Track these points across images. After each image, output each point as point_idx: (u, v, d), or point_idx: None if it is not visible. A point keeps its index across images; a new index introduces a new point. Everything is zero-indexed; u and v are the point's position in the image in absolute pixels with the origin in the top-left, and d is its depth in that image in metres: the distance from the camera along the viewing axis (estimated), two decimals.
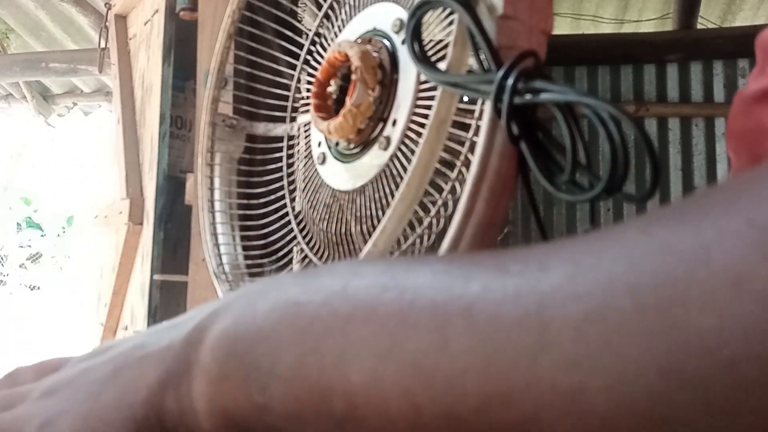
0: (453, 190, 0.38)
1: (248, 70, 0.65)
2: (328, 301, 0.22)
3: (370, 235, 0.40)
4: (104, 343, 0.29)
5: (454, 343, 0.18)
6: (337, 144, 0.51)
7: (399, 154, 0.45)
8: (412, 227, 0.40)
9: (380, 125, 0.46)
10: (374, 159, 0.47)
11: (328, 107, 0.51)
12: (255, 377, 0.22)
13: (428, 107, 0.40)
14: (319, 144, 0.54)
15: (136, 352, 0.26)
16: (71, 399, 0.25)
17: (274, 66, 0.62)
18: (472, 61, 0.35)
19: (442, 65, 0.36)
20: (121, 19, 1.75)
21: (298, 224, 0.57)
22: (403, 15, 0.46)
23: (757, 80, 0.36)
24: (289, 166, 0.60)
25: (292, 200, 0.59)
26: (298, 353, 0.21)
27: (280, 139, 0.61)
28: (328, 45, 0.55)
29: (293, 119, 0.60)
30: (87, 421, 0.24)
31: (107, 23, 1.79)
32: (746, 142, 0.35)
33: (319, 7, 0.56)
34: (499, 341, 0.17)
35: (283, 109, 0.61)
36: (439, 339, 0.18)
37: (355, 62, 0.46)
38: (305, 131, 0.58)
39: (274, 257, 0.60)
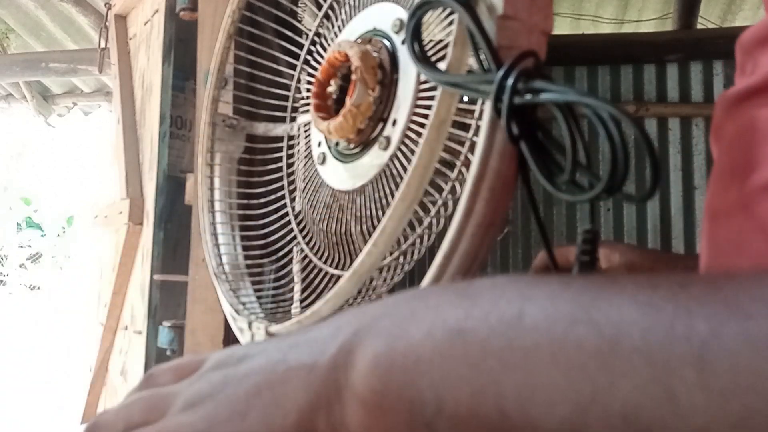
0: (453, 190, 0.38)
1: (248, 70, 0.65)
2: (501, 331, 0.19)
3: (370, 235, 0.40)
4: (238, 348, 0.29)
5: (685, 399, 0.15)
6: (337, 144, 0.51)
7: (399, 154, 0.45)
8: (412, 227, 0.40)
9: (380, 125, 0.46)
10: (374, 159, 0.47)
11: (328, 107, 0.51)
12: (419, 412, 0.20)
13: (428, 107, 0.40)
14: (319, 144, 0.54)
15: (277, 367, 0.25)
16: (215, 416, 0.25)
17: (274, 66, 0.62)
18: (472, 61, 0.35)
19: (442, 65, 0.36)
20: (121, 19, 1.75)
21: (298, 224, 0.57)
22: (403, 15, 0.46)
23: (740, 80, 0.36)
24: (289, 166, 0.60)
25: (292, 200, 0.59)
26: (471, 391, 0.19)
27: (280, 139, 0.61)
28: (328, 45, 0.55)
29: (293, 119, 0.60)
30: None
31: (107, 23, 1.79)
32: (736, 140, 0.35)
33: (319, 7, 0.56)
34: (749, 400, 0.15)
35: (283, 109, 0.61)
36: (661, 392, 0.16)
37: (355, 62, 0.46)
38: (305, 131, 0.58)
39: (274, 257, 0.60)
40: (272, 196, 0.61)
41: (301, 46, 0.59)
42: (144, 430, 0.27)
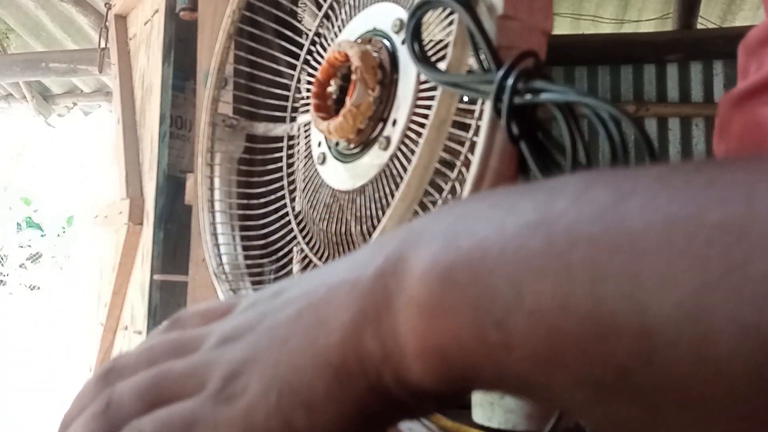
0: (453, 190, 0.38)
1: (248, 70, 0.65)
2: (596, 216, 0.17)
3: (370, 235, 0.40)
4: (272, 286, 0.26)
5: None
6: (337, 144, 0.51)
7: (399, 154, 0.45)
8: None
9: (380, 125, 0.46)
10: (374, 159, 0.47)
11: (328, 107, 0.51)
12: (488, 310, 0.18)
13: (428, 107, 0.40)
14: (319, 144, 0.54)
15: (316, 291, 0.22)
16: (254, 346, 0.22)
17: (274, 66, 0.62)
18: (472, 61, 0.35)
19: (442, 65, 0.36)
20: (121, 19, 1.75)
21: (298, 224, 0.57)
22: (403, 15, 0.46)
23: (743, 80, 0.37)
24: (289, 166, 0.60)
25: (292, 200, 0.59)
26: (557, 281, 0.16)
27: (280, 139, 0.61)
28: (328, 45, 0.55)
29: (293, 119, 0.60)
30: (277, 370, 0.21)
31: (107, 23, 1.79)
32: (742, 138, 0.35)
33: (319, 7, 0.56)
34: None
35: (283, 109, 0.61)
36: None
37: (355, 62, 0.46)
38: (305, 131, 0.58)
39: (274, 257, 0.60)
40: (272, 196, 0.61)
41: (301, 46, 0.59)
42: (175, 363, 0.24)
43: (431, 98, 0.41)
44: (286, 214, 0.59)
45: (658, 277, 0.15)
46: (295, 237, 0.57)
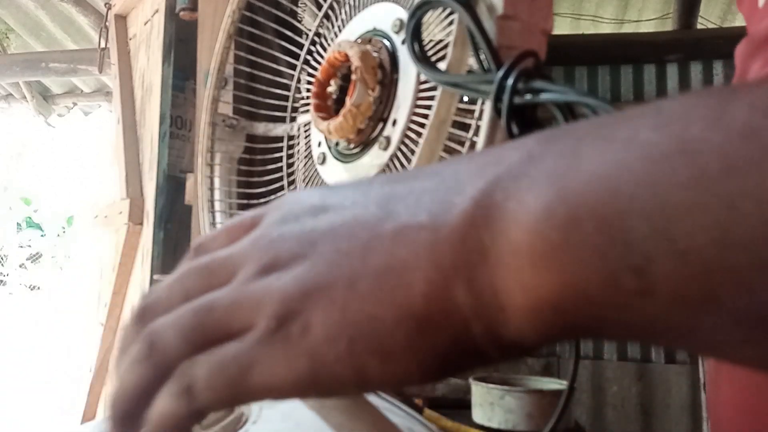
0: None
1: (248, 70, 0.65)
2: (747, 138, 0.15)
3: None
4: (304, 195, 0.23)
5: None
6: (337, 144, 0.51)
7: (399, 154, 0.45)
8: None
9: (380, 125, 0.46)
10: (374, 159, 0.47)
11: (328, 107, 0.51)
12: (622, 255, 0.16)
13: (428, 107, 0.40)
14: (319, 144, 0.54)
15: (382, 225, 0.20)
16: (311, 282, 0.20)
17: (274, 66, 0.62)
18: (472, 61, 0.35)
19: (442, 65, 0.36)
20: (121, 19, 1.75)
21: None
22: (403, 15, 0.46)
23: (742, 78, 0.37)
24: (289, 166, 0.60)
25: None
26: (716, 212, 0.15)
27: (280, 139, 0.61)
28: (328, 45, 0.55)
29: (293, 119, 0.60)
30: (345, 314, 0.19)
31: (107, 23, 1.79)
32: None
33: (319, 7, 0.56)
34: None
35: (283, 109, 0.61)
36: None
37: (355, 62, 0.46)
38: (305, 131, 0.58)
39: None
40: (272, 197, 0.61)
41: (301, 46, 0.59)
42: (215, 295, 0.22)
43: (431, 98, 0.41)
44: None
45: None
46: None
